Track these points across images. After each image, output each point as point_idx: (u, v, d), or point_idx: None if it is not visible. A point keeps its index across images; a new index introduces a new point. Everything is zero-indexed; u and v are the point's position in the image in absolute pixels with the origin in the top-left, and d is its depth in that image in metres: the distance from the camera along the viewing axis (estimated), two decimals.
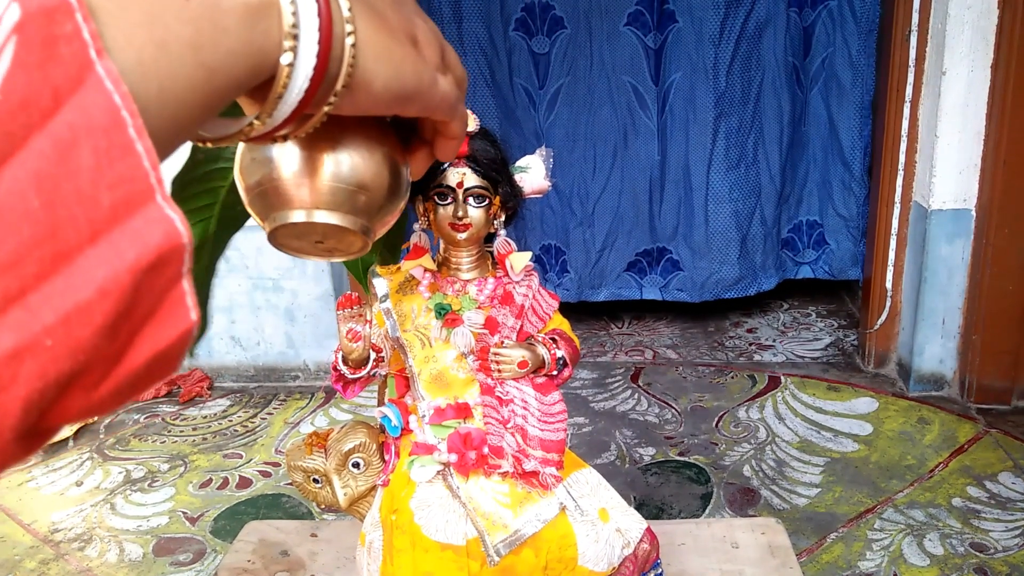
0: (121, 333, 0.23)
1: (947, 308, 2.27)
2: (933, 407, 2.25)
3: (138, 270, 0.22)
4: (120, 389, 0.24)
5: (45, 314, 0.21)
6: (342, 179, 0.39)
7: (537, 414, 1.06)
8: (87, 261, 0.21)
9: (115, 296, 0.22)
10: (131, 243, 0.22)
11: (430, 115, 0.39)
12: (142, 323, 0.23)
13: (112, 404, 0.24)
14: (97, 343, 0.22)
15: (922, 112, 2.22)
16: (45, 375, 0.21)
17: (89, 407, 0.23)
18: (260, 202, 0.40)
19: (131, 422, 2.41)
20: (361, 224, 0.40)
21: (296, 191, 0.39)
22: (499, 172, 1.05)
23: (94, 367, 0.22)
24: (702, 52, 2.54)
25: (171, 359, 0.25)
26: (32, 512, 1.98)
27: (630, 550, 1.10)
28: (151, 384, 0.26)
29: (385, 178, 0.40)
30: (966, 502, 1.83)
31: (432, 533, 1.03)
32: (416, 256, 1.08)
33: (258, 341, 2.57)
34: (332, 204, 0.39)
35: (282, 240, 0.42)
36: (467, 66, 2.61)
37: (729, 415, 2.26)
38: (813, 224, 2.81)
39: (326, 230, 0.40)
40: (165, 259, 0.23)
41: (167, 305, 0.24)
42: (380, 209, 0.41)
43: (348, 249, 0.43)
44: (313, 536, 1.63)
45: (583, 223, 2.76)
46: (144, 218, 0.22)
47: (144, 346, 0.24)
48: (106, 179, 0.22)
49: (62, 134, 0.21)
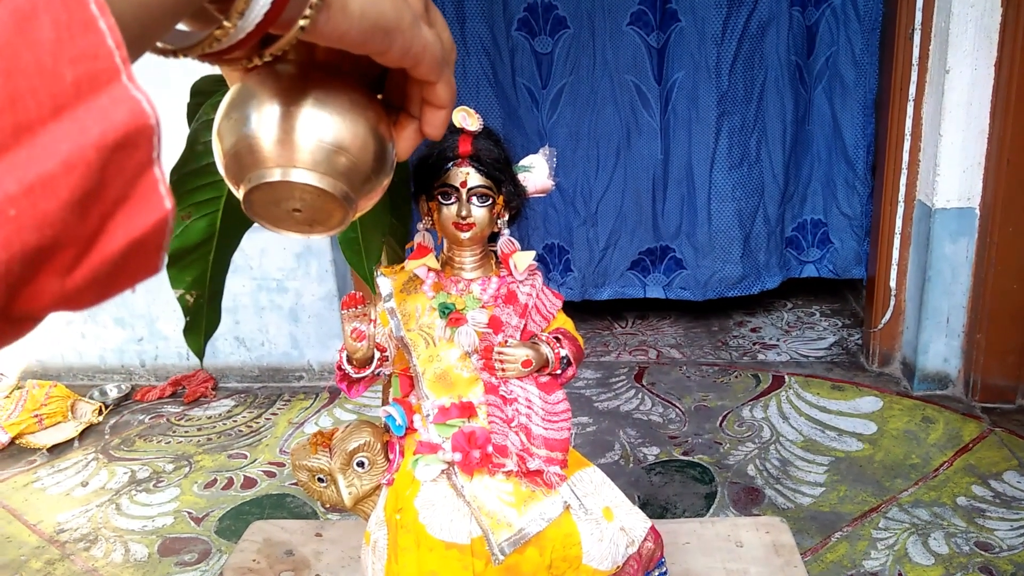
0: (91, 214, 0.23)
1: (951, 307, 2.26)
2: (937, 406, 2.25)
3: (104, 147, 0.22)
4: (96, 277, 0.24)
5: (7, 183, 0.21)
6: (321, 137, 0.37)
7: (541, 413, 1.06)
8: (50, 135, 0.21)
9: (81, 171, 0.22)
10: (96, 120, 0.22)
11: (413, 66, 0.37)
12: (114, 207, 0.23)
13: (89, 295, 0.24)
14: (65, 219, 0.22)
15: (926, 110, 2.22)
16: (10, 245, 0.21)
17: (64, 294, 0.23)
18: (236, 164, 0.38)
19: (136, 423, 2.42)
20: (341, 189, 0.38)
21: (273, 148, 0.37)
22: (503, 171, 1.06)
23: (65, 247, 0.22)
24: (704, 51, 2.54)
25: (148, 251, 0.25)
26: (38, 512, 1.99)
27: (634, 549, 1.11)
28: (130, 280, 0.25)
29: (370, 148, 0.39)
30: (971, 501, 1.82)
31: (436, 532, 1.03)
32: (420, 255, 1.09)
33: (262, 342, 2.57)
34: (310, 163, 0.37)
35: (258, 209, 0.39)
36: (470, 66, 2.62)
37: (733, 414, 2.26)
38: (817, 223, 2.81)
39: (304, 195, 0.38)
40: (132, 139, 0.23)
41: (140, 191, 0.24)
42: (363, 180, 0.39)
43: (327, 221, 0.40)
44: (318, 536, 1.63)
45: (586, 222, 2.76)
46: (110, 96, 0.22)
47: (118, 232, 0.24)
48: (67, 53, 0.22)
49: (20, 4, 0.21)
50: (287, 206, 0.39)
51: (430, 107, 0.41)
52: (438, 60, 0.38)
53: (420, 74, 0.38)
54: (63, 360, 2.68)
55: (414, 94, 0.41)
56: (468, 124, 1.03)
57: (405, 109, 0.42)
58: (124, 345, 2.64)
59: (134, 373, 2.68)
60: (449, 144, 1.04)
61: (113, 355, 2.66)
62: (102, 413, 2.45)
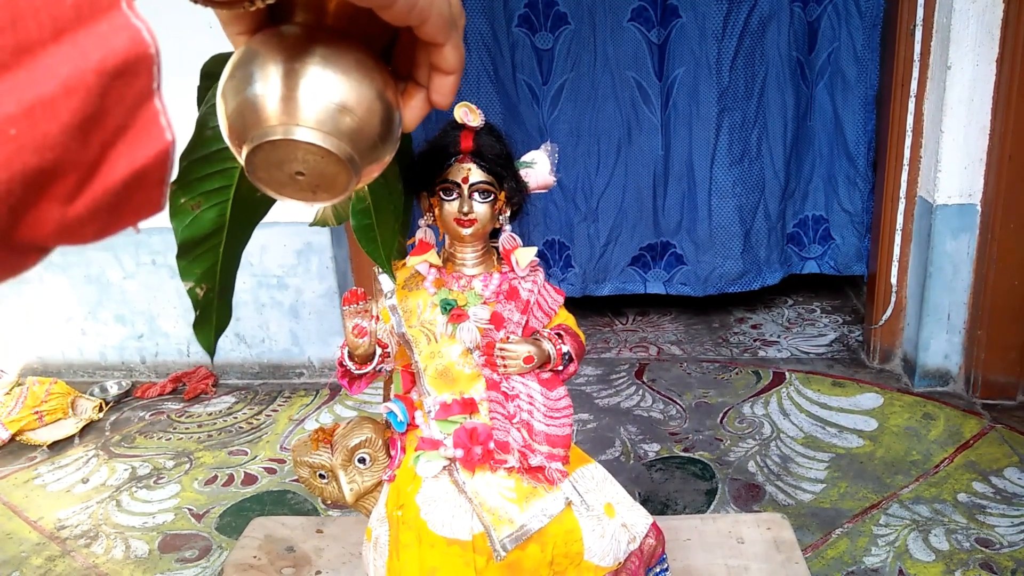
0: (92, 140, 0.23)
1: (952, 303, 2.26)
2: (938, 402, 2.25)
3: (104, 72, 0.22)
4: (98, 207, 0.24)
5: (7, 103, 0.21)
6: (327, 96, 0.36)
7: (543, 409, 1.06)
8: (51, 58, 0.22)
9: (81, 95, 0.22)
10: (96, 45, 0.22)
11: (419, 24, 0.37)
12: (115, 136, 0.24)
13: (92, 226, 0.24)
14: (66, 143, 0.22)
15: (927, 107, 2.21)
16: (10, 165, 0.21)
17: (66, 224, 0.23)
18: (239, 123, 0.37)
19: (136, 419, 2.42)
20: (346, 151, 0.37)
21: (276, 106, 0.36)
22: (504, 167, 1.05)
23: (66, 172, 0.23)
24: (705, 47, 2.53)
25: (150, 184, 0.25)
26: (38, 509, 1.99)
27: (636, 545, 1.10)
28: (134, 215, 0.25)
29: (376, 112, 0.38)
30: (972, 497, 1.82)
31: (438, 528, 1.03)
32: (421, 252, 1.08)
33: (263, 338, 2.57)
34: (315, 122, 0.36)
35: (260, 172, 0.38)
36: (470, 62, 2.61)
37: (734, 411, 2.26)
38: (819, 219, 2.80)
39: (308, 155, 0.37)
40: (132, 67, 0.23)
41: (141, 121, 0.24)
42: (369, 145, 0.38)
43: (331, 187, 0.39)
44: (319, 532, 1.63)
45: (587, 218, 2.76)
46: (110, 23, 0.23)
47: (120, 162, 0.24)
48: None
49: None
50: (290, 168, 0.38)
51: (438, 73, 0.40)
52: (445, 19, 0.37)
53: (426, 34, 0.37)
54: (63, 357, 2.68)
55: (422, 60, 0.40)
56: (470, 120, 1.02)
57: (413, 78, 0.41)
58: (124, 342, 2.64)
59: (134, 370, 2.67)
60: (451, 140, 1.04)
61: (113, 352, 2.66)
62: (102, 410, 2.45)
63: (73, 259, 2.54)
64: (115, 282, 2.56)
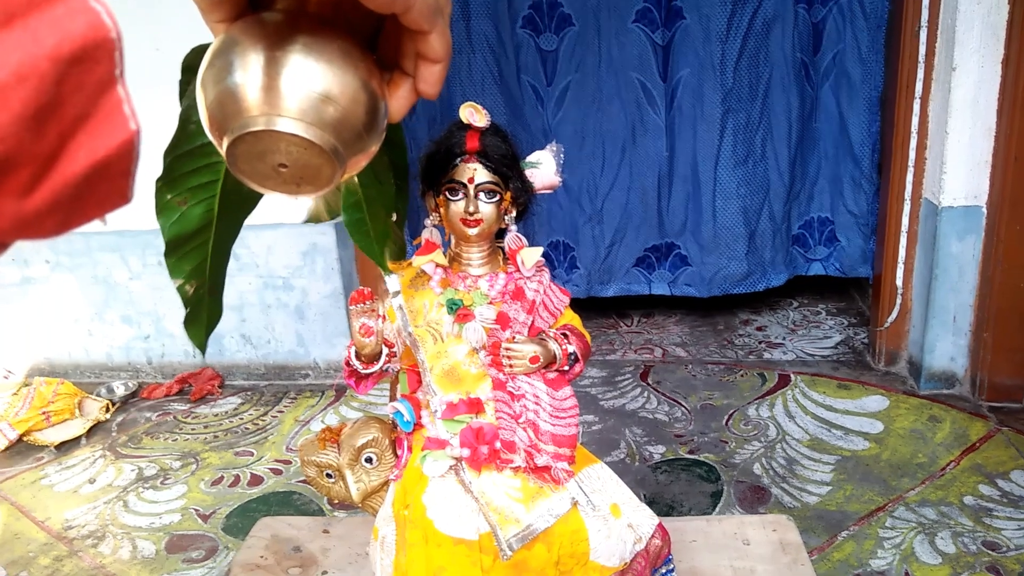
0: (49, 131, 0.22)
1: (958, 305, 2.26)
2: (944, 405, 2.24)
3: (59, 59, 0.21)
4: (58, 200, 0.23)
5: None
6: (309, 86, 0.35)
7: (549, 409, 1.06)
8: (1, 45, 0.21)
9: (33, 83, 0.21)
10: (51, 30, 0.21)
11: (404, 11, 0.35)
12: (75, 126, 0.23)
13: (52, 220, 0.23)
14: (18, 133, 0.21)
15: (932, 108, 2.21)
16: None
17: (23, 218, 0.22)
18: (219, 114, 0.36)
19: (143, 420, 2.43)
20: (329, 142, 0.36)
21: (257, 96, 0.35)
22: (510, 168, 1.06)
23: (20, 164, 0.22)
24: (710, 49, 2.53)
25: (114, 175, 0.24)
26: (46, 509, 2.00)
27: (642, 546, 1.10)
28: (98, 208, 0.24)
29: (360, 101, 0.37)
30: (978, 500, 1.82)
31: (444, 527, 1.03)
32: (427, 252, 1.09)
33: (268, 339, 2.58)
34: (297, 112, 0.35)
35: (243, 164, 0.37)
36: (475, 64, 2.62)
37: (739, 413, 2.26)
38: (824, 220, 2.80)
39: (290, 147, 0.36)
40: (91, 53, 0.22)
41: (103, 110, 0.23)
42: (354, 136, 0.37)
43: (315, 179, 0.38)
44: (325, 532, 1.64)
45: (592, 219, 2.76)
46: (66, 7, 0.22)
47: (80, 153, 0.23)
48: None
49: None
50: (272, 160, 0.37)
51: (424, 62, 0.39)
52: (431, 6, 0.36)
53: (412, 21, 0.36)
54: (70, 357, 2.69)
55: (408, 48, 0.39)
56: (475, 120, 1.03)
57: (399, 67, 0.40)
58: (131, 343, 2.65)
59: (141, 371, 2.68)
60: (456, 140, 1.04)
61: (120, 353, 2.67)
62: (109, 410, 2.46)
63: (80, 260, 2.56)
64: (121, 283, 2.57)
